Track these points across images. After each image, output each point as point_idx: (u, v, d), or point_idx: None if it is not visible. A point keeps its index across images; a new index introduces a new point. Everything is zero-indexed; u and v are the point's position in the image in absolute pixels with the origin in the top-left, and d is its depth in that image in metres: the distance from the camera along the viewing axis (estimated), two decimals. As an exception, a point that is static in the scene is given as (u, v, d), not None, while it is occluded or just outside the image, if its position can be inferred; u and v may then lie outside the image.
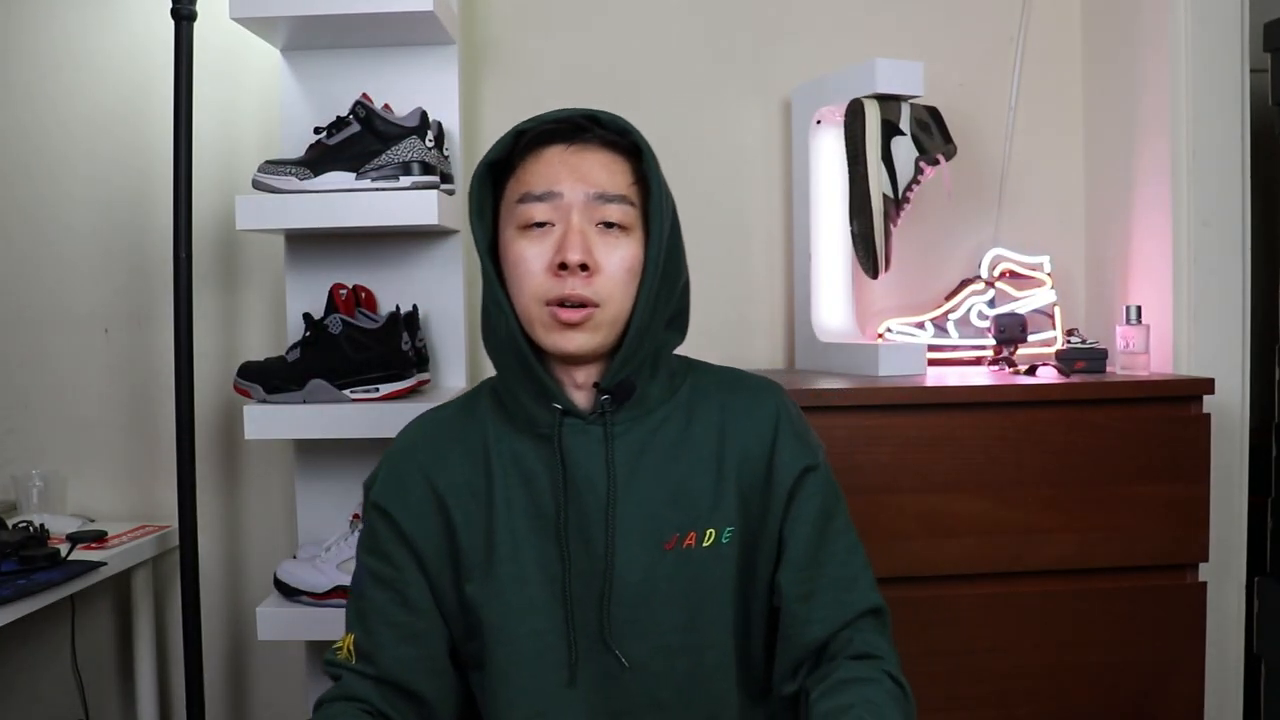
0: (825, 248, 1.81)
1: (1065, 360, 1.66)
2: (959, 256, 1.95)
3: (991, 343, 1.78)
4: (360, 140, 1.56)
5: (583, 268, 0.93)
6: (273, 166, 1.55)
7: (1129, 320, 1.67)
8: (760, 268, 1.96)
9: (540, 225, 0.95)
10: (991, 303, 1.84)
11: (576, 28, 1.94)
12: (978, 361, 1.83)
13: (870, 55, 1.66)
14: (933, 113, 1.72)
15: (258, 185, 1.56)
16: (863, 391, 1.49)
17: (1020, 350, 1.76)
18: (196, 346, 1.66)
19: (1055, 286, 1.86)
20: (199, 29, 1.63)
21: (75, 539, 1.62)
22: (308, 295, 1.73)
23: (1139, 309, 1.67)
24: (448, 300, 1.77)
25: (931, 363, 1.76)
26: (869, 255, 1.66)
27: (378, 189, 1.54)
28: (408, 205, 1.54)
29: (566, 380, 1.00)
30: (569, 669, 0.97)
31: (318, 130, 1.60)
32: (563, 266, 0.93)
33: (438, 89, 1.74)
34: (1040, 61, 1.96)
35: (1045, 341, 1.82)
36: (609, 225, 0.95)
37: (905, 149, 1.66)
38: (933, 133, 1.70)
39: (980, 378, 1.64)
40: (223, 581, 1.94)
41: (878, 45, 1.91)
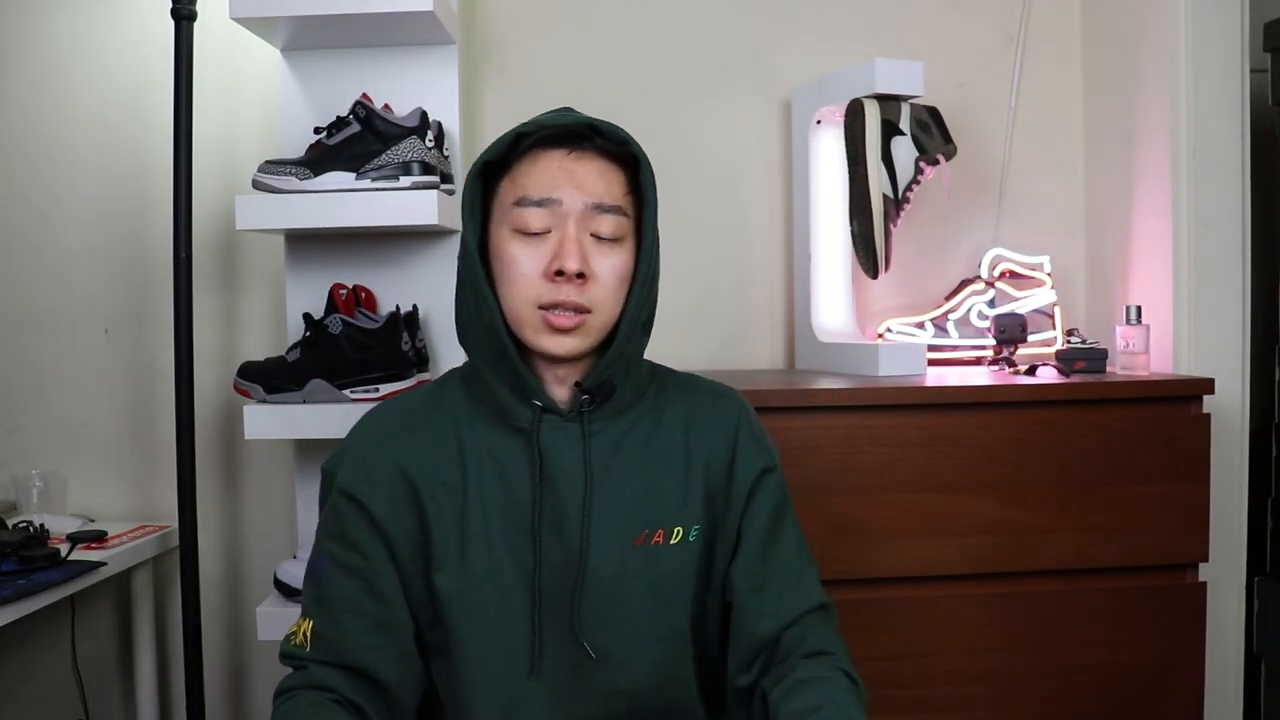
0: (825, 248, 1.81)
1: (1065, 360, 1.66)
2: (959, 256, 1.95)
3: (991, 343, 1.78)
4: (360, 140, 1.56)
5: (579, 275, 0.95)
6: (273, 166, 1.55)
7: (1129, 320, 1.67)
8: (760, 268, 1.96)
9: (537, 232, 0.96)
10: (991, 303, 1.84)
11: (576, 28, 1.94)
12: (978, 361, 1.83)
13: (870, 55, 1.66)
14: (933, 113, 1.72)
15: (258, 185, 1.56)
16: (863, 391, 1.49)
17: (1020, 350, 1.76)
18: (196, 346, 1.66)
19: (1055, 286, 1.86)
20: (199, 29, 1.63)
21: (75, 539, 1.62)
22: (308, 295, 1.73)
23: (1139, 309, 1.67)
24: (448, 300, 1.75)
25: (931, 363, 1.76)
26: (869, 255, 1.66)
27: (378, 189, 1.54)
28: (408, 205, 1.54)
29: (548, 378, 1.02)
30: (531, 659, 0.99)
31: (318, 130, 1.60)
32: (559, 274, 0.95)
33: (438, 89, 1.74)
34: (1040, 61, 1.96)
35: (1045, 341, 1.82)
36: (602, 238, 0.97)
37: (905, 149, 1.66)
38: (933, 133, 1.70)
39: (980, 378, 1.64)
40: (223, 581, 1.94)
41: (878, 45, 1.91)
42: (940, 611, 1.50)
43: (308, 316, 1.62)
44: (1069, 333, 1.73)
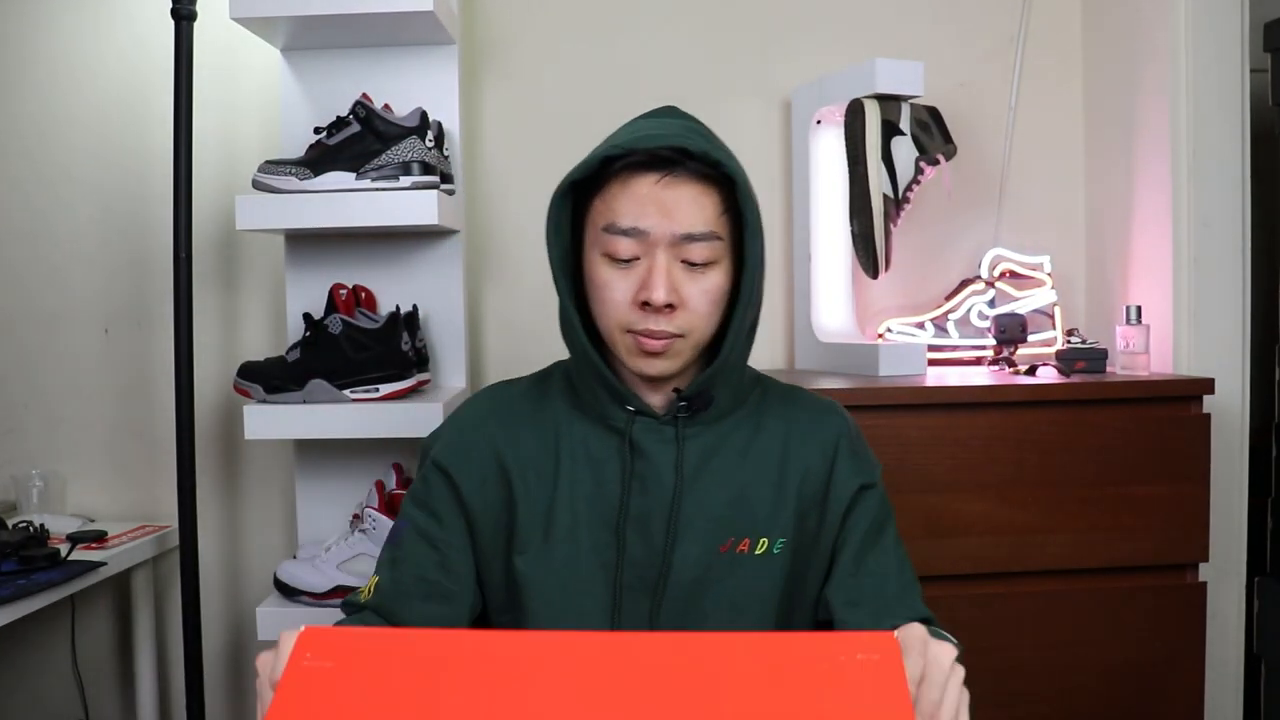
0: (825, 248, 1.81)
1: (1065, 360, 1.66)
2: (959, 256, 1.95)
3: (991, 343, 1.78)
4: (360, 140, 1.56)
5: (667, 306, 0.93)
6: (273, 166, 1.55)
7: (1129, 320, 1.67)
8: (760, 268, 1.96)
9: (626, 259, 0.94)
10: (991, 303, 1.84)
11: (576, 28, 1.94)
12: (978, 361, 1.83)
13: (870, 55, 1.66)
14: (933, 113, 1.72)
15: (258, 185, 1.56)
16: (863, 391, 1.49)
17: (1020, 350, 1.76)
18: (196, 346, 1.66)
19: (1055, 286, 1.86)
20: (199, 29, 1.63)
21: (75, 539, 1.62)
22: (308, 295, 1.73)
23: (1139, 309, 1.67)
24: (448, 300, 1.77)
25: (931, 363, 1.76)
26: (869, 255, 1.66)
27: (378, 189, 1.54)
28: (408, 205, 1.54)
29: (643, 386, 1.01)
30: None
31: (318, 130, 1.60)
32: (646, 304, 0.93)
33: (438, 89, 1.74)
34: (1040, 61, 1.96)
35: (1045, 341, 1.82)
36: (694, 264, 0.94)
37: (905, 149, 1.66)
38: (933, 133, 1.70)
39: (980, 378, 1.64)
40: (223, 581, 1.94)
41: (878, 45, 1.91)
42: (940, 611, 1.48)
43: (308, 316, 1.62)
44: (1069, 333, 1.73)
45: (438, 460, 1.03)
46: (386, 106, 1.63)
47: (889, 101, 1.66)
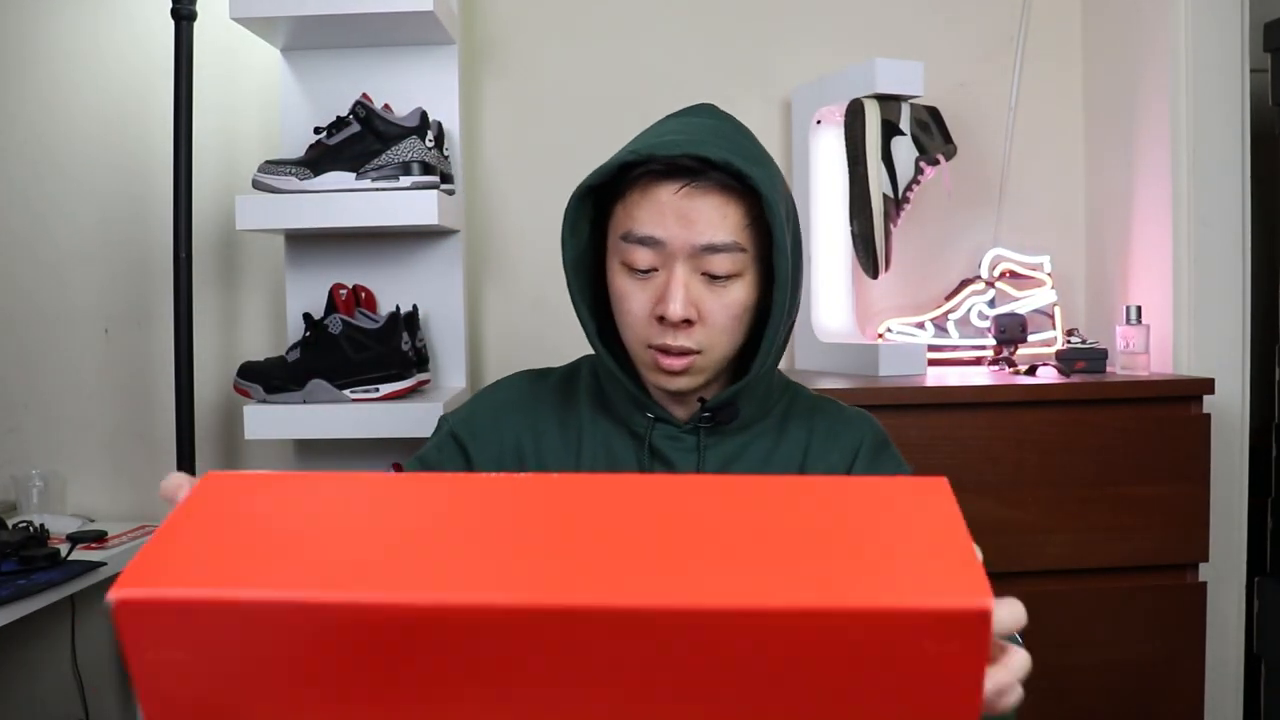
0: (825, 248, 1.81)
1: (1065, 360, 1.66)
2: (959, 256, 1.95)
3: (991, 343, 1.78)
4: (360, 140, 1.56)
5: (685, 321, 0.90)
6: (273, 166, 1.55)
7: (1129, 320, 1.67)
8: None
9: (644, 271, 0.91)
10: (991, 303, 1.84)
11: (576, 28, 1.94)
12: (978, 361, 1.83)
13: (870, 55, 1.66)
14: (933, 113, 1.72)
15: (258, 185, 1.56)
16: (863, 391, 1.49)
17: (1020, 350, 1.76)
18: (196, 346, 1.66)
19: (1055, 286, 1.86)
20: (199, 29, 1.63)
21: (75, 539, 1.62)
22: (308, 295, 1.73)
23: (1139, 309, 1.67)
24: (448, 300, 1.77)
25: (931, 363, 1.76)
26: (869, 255, 1.66)
27: (378, 189, 1.54)
28: (408, 205, 1.54)
29: (664, 396, 0.98)
30: None
31: (318, 130, 1.60)
32: (663, 318, 0.89)
33: (438, 89, 1.74)
34: (1040, 61, 1.96)
35: (1045, 341, 1.82)
36: (715, 277, 0.90)
37: (905, 149, 1.66)
38: (933, 133, 1.70)
39: (980, 378, 1.64)
40: (223, 581, 1.94)
41: (878, 45, 1.91)
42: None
43: (308, 316, 1.62)
44: (1069, 333, 1.73)
45: (455, 431, 1.01)
46: (386, 106, 1.63)
47: (889, 101, 1.66)
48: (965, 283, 1.88)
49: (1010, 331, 1.74)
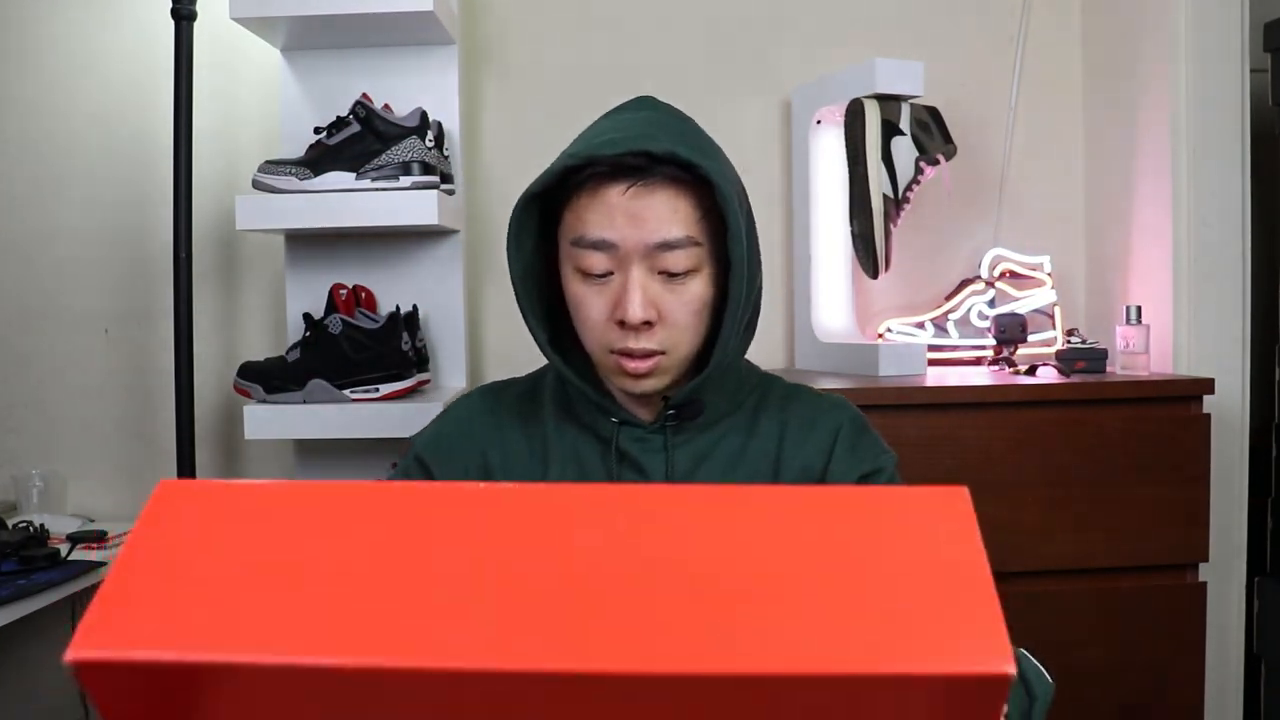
0: (825, 248, 1.81)
1: (1065, 360, 1.66)
2: (959, 256, 1.95)
3: (991, 343, 1.78)
4: (360, 140, 1.56)
5: (646, 323, 0.88)
6: (273, 166, 1.55)
7: (1129, 320, 1.67)
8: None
9: (599, 275, 0.89)
10: (991, 303, 1.84)
11: (576, 28, 1.94)
12: (978, 361, 1.83)
13: (870, 55, 1.66)
14: (933, 113, 1.72)
15: (258, 185, 1.56)
16: (863, 391, 1.49)
17: (1020, 350, 1.76)
18: (196, 346, 1.66)
19: (1055, 286, 1.86)
20: (199, 29, 1.63)
21: (75, 539, 1.62)
22: (308, 295, 1.73)
23: (1139, 309, 1.67)
24: (448, 300, 1.77)
25: (931, 363, 1.76)
26: (869, 255, 1.66)
27: (378, 189, 1.54)
28: (408, 205, 1.54)
29: (627, 397, 0.96)
30: None
31: (318, 130, 1.60)
32: (623, 323, 0.88)
33: (438, 89, 1.74)
34: (1040, 61, 1.96)
35: (1045, 341, 1.82)
36: (673, 274, 0.88)
37: (905, 149, 1.66)
38: (933, 133, 1.70)
39: (980, 378, 1.64)
40: (223, 581, 1.94)
41: (878, 45, 1.91)
42: (940, 611, 1.50)
43: (308, 316, 1.62)
44: (1069, 333, 1.73)
45: (420, 454, 1.00)
46: (386, 106, 1.63)
47: (889, 101, 1.66)
48: (965, 283, 1.88)
49: (1010, 331, 1.74)
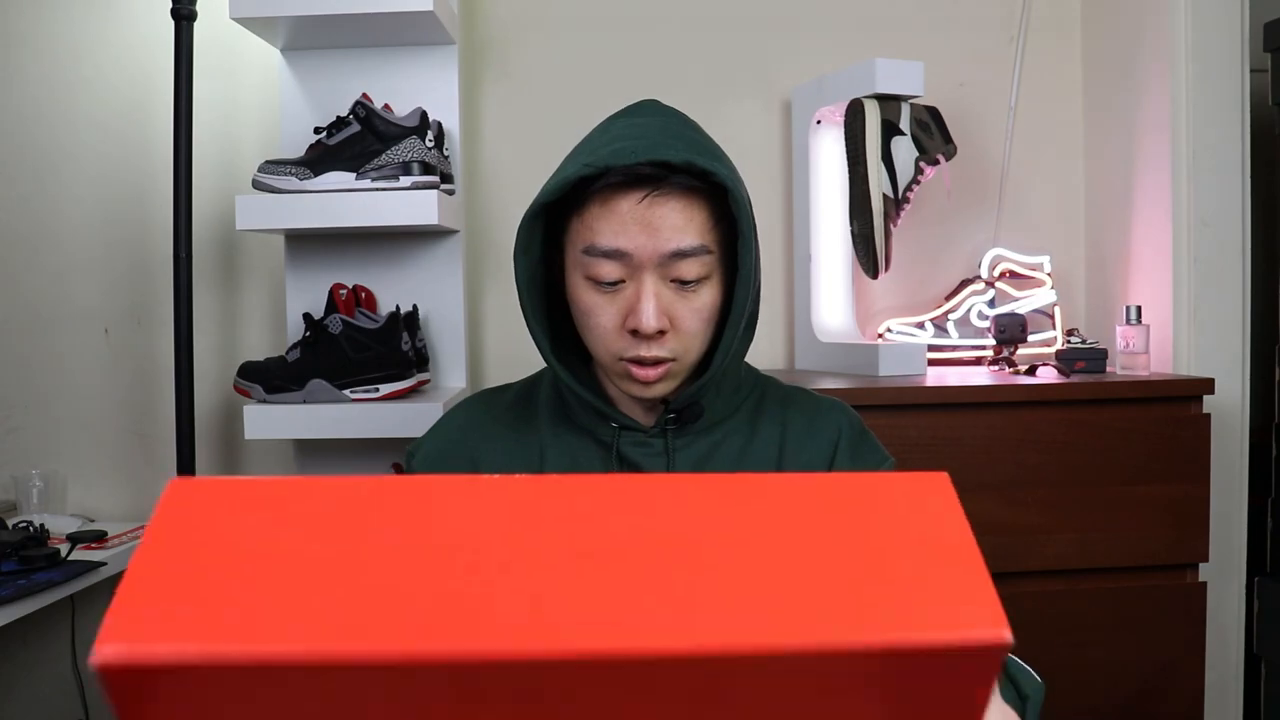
0: (825, 248, 1.81)
1: (1065, 360, 1.66)
2: (959, 256, 1.95)
3: (991, 343, 1.78)
4: (360, 140, 1.56)
5: (659, 332, 0.87)
6: (273, 166, 1.55)
7: (1129, 320, 1.67)
8: (760, 267, 1.96)
9: (610, 283, 0.88)
10: (991, 303, 1.84)
11: (576, 28, 1.94)
12: (978, 361, 1.83)
13: (870, 55, 1.66)
14: (933, 113, 1.73)
15: (258, 185, 1.56)
16: (863, 391, 1.49)
17: (1020, 350, 1.76)
18: (196, 346, 1.66)
19: (1055, 286, 1.86)
20: (199, 29, 1.63)
21: (75, 539, 1.62)
22: (308, 295, 1.73)
23: (1139, 309, 1.67)
24: (448, 300, 1.77)
25: (931, 363, 1.76)
26: (869, 255, 1.66)
27: (378, 189, 1.54)
28: (408, 205, 1.54)
29: (628, 401, 0.96)
30: None
31: (318, 130, 1.60)
32: (635, 331, 0.87)
33: (438, 89, 1.74)
34: (1040, 61, 1.96)
35: (1045, 341, 1.82)
36: (685, 282, 0.88)
37: (905, 149, 1.66)
38: (933, 133, 1.70)
39: (980, 378, 1.64)
40: (223, 581, 1.94)
41: (878, 45, 1.91)
42: (940, 611, 1.50)
43: (308, 316, 1.62)
44: (1069, 333, 1.73)
45: (414, 467, 1.00)
46: (386, 106, 1.63)
47: (889, 101, 1.66)
48: (965, 283, 1.88)
49: (1010, 331, 1.74)
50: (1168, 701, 1.54)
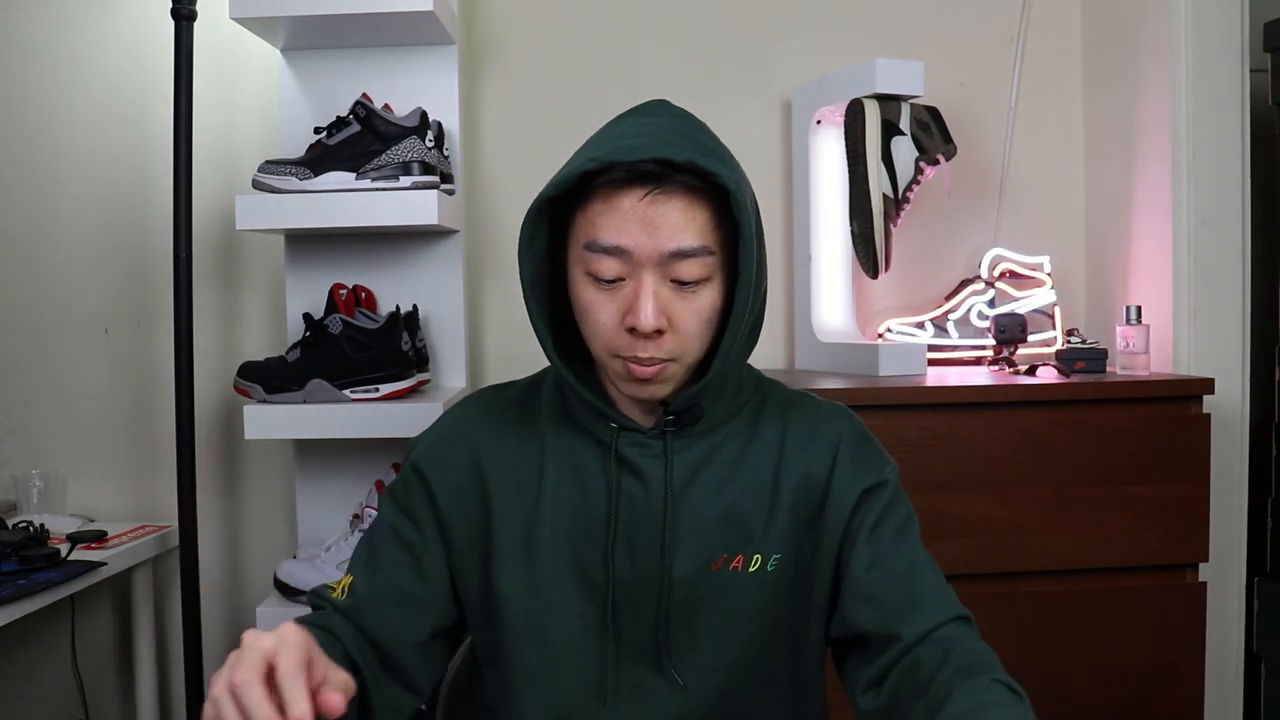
0: (825, 248, 1.81)
1: (1065, 360, 1.66)
2: (959, 256, 1.95)
3: (991, 343, 1.78)
4: (360, 140, 1.56)
5: (656, 331, 0.87)
6: (273, 166, 1.55)
7: (1129, 320, 1.67)
8: (760, 268, 1.96)
9: (610, 280, 0.88)
10: (991, 303, 1.84)
11: (576, 28, 1.94)
12: (978, 361, 1.83)
13: (870, 55, 1.66)
14: (933, 113, 1.73)
15: (258, 185, 1.56)
16: (863, 391, 1.49)
17: (1020, 350, 1.76)
18: (196, 346, 1.66)
19: (1055, 286, 1.86)
20: (199, 28, 1.63)
21: (75, 539, 1.62)
22: (308, 295, 1.73)
23: (1139, 309, 1.67)
24: (448, 300, 1.77)
25: (931, 363, 1.76)
26: (869, 255, 1.66)
27: (378, 189, 1.54)
28: (408, 205, 1.54)
29: (628, 401, 0.96)
30: (600, 678, 0.95)
31: (318, 130, 1.60)
32: (633, 329, 0.87)
33: (438, 89, 1.74)
34: (1040, 61, 1.96)
35: (1045, 341, 1.82)
36: (684, 283, 0.87)
37: (905, 149, 1.66)
38: (933, 133, 1.70)
39: (980, 378, 1.64)
40: (223, 581, 1.94)
41: (878, 45, 1.91)
42: (940, 611, 1.50)
43: (308, 316, 1.62)
44: (1069, 333, 1.73)
45: (417, 462, 1.00)
46: (386, 106, 1.63)
47: (889, 101, 1.66)
48: (965, 283, 1.88)
49: (1010, 331, 1.74)
50: (1168, 701, 1.54)
